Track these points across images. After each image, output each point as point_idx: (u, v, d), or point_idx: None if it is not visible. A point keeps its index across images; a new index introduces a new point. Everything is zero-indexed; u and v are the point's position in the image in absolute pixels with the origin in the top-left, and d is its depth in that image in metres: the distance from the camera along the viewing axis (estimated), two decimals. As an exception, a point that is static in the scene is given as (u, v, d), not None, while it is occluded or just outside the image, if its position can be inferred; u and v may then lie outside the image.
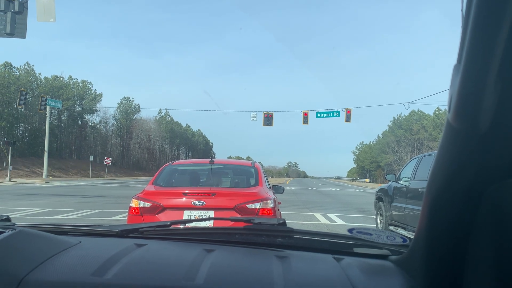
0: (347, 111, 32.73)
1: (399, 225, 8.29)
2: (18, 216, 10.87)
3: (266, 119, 33.86)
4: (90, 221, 10.63)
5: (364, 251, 1.19)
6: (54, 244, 1.07)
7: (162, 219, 4.29)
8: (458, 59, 0.63)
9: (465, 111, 0.63)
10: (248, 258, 1.10)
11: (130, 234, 1.31)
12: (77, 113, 65.90)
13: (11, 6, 12.05)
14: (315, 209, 15.19)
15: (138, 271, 0.94)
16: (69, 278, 0.90)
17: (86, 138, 69.52)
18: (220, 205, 4.39)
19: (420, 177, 7.67)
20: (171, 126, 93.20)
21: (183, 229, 1.42)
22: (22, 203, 14.43)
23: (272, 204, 4.50)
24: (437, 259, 0.81)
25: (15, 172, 40.97)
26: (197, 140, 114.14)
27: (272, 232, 1.26)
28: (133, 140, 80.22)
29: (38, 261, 0.94)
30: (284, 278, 0.92)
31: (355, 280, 0.93)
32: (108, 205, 14.74)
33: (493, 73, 0.58)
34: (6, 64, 52.99)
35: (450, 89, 0.66)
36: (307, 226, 10.38)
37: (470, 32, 0.60)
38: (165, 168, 5.51)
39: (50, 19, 11.74)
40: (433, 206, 0.78)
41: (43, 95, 42.48)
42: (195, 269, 0.95)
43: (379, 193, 9.97)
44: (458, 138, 0.67)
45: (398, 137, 73.81)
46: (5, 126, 50.38)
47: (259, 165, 5.67)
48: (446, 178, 0.73)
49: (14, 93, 48.71)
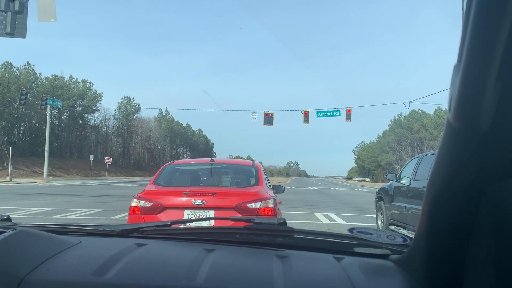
0: (348, 110, 32.73)
1: (399, 224, 8.29)
2: (19, 216, 10.88)
3: (266, 119, 33.86)
4: (90, 220, 10.65)
5: (364, 251, 1.19)
6: (54, 244, 1.07)
7: (163, 218, 4.29)
8: (458, 59, 0.63)
9: (465, 111, 0.63)
10: (249, 257, 1.10)
11: (130, 233, 1.31)
12: (77, 113, 65.92)
13: (11, 6, 12.05)
14: (316, 209, 15.20)
15: (139, 271, 0.95)
16: (69, 278, 0.90)
17: (87, 137, 69.55)
18: (221, 205, 4.39)
19: (420, 177, 7.66)
20: (171, 125, 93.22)
21: (183, 228, 1.43)
22: (23, 203, 14.44)
23: (273, 204, 4.50)
24: (437, 259, 0.81)
25: (15, 172, 41.00)
26: (197, 139, 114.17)
27: (272, 231, 1.26)
28: (134, 140, 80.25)
29: (39, 261, 0.94)
30: (284, 278, 0.92)
31: (356, 279, 0.93)
32: (109, 204, 14.75)
33: (494, 73, 0.58)
34: (6, 63, 53.03)
35: (450, 89, 0.66)
36: (307, 225, 10.39)
37: (470, 31, 0.60)
38: (165, 168, 5.51)
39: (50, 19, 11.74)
40: (434, 205, 0.78)
41: (43, 95, 42.48)
42: (195, 268, 0.95)
43: (380, 192, 9.97)
44: (459, 138, 0.67)
45: (398, 136, 73.80)
46: (6, 125, 50.40)
47: (259, 164, 5.67)
48: (446, 178, 0.73)
49: (14, 93, 48.74)
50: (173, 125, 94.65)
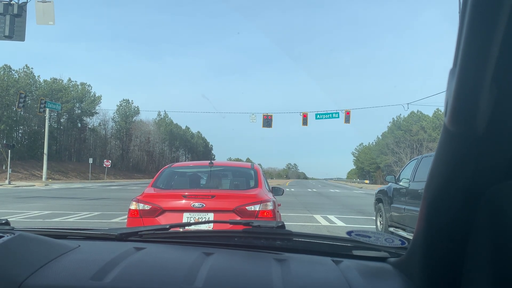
0: (346, 112, 32.76)
1: (398, 226, 8.28)
2: (18, 219, 10.85)
3: (265, 121, 33.88)
4: (89, 223, 10.62)
5: (362, 254, 1.20)
6: (53, 248, 1.07)
7: (162, 221, 4.28)
8: (454, 63, 0.64)
9: (461, 114, 0.64)
10: (247, 261, 1.10)
11: (129, 237, 1.31)
12: (76, 116, 65.88)
13: (10, 9, 12.05)
14: (315, 211, 15.19)
15: (137, 275, 0.95)
16: (68, 282, 0.90)
17: (86, 140, 69.48)
18: (220, 207, 4.39)
19: (419, 178, 7.67)
20: (170, 128, 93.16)
21: (182, 232, 1.43)
22: (22, 206, 14.41)
23: (272, 206, 4.49)
24: (435, 261, 0.81)
25: (14, 175, 40.93)
26: (196, 142, 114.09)
27: (271, 235, 1.26)
28: (133, 143, 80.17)
29: (37, 266, 0.94)
30: (283, 281, 0.92)
31: (354, 282, 0.94)
32: (108, 207, 14.72)
33: (488, 76, 0.58)
34: (5, 66, 53.00)
35: (446, 93, 0.67)
36: (307, 228, 10.37)
37: (465, 36, 0.60)
38: (164, 171, 5.51)
39: (49, 22, 11.76)
40: (431, 208, 0.78)
41: (42, 98, 42.44)
42: (194, 272, 0.96)
43: (379, 194, 9.97)
44: (455, 141, 0.68)
45: (397, 138, 73.83)
46: (5, 129, 50.35)
47: (258, 167, 5.66)
48: (443, 180, 0.74)
49: (13, 96, 48.68)
50: (172, 127, 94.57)
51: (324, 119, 33.67)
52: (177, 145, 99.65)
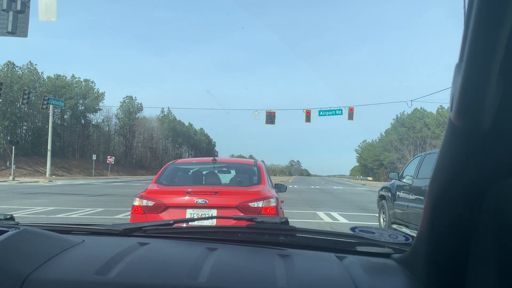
0: (350, 109, 32.70)
1: (402, 223, 8.28)
2: (22, 215, 10.92)
3: (268, 117, 33.87)
4: (93, 219, 10.67)
5: (366, 250, 1.19)
6: (57, 243, 1.08)
7: (165, 217, 4.30)
8: (460, 58, 0.63)
9: (467, 110, 0.63)
10: (251, 256, 1.10)
11: (133, 233, 1.32)
12: (80, 112, 66.06)
13: (13, 5, 12.06)
14: (318, 208, 15.19)
15: (141, 270, 0.95)
16: (72, 277, 0.90)
17: (89, 137, 69.71)
18: (223, 204, 4.40)
19: (423, 175, 7.65)
20: (173, 124, 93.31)
21: (185, 227, 1.43)
22: (26, 202, 14.50)
23: (275, 203, 4.50)
24: (439, 258, 0.81)
25: (18, 171, 41.13)
26: (199, 138, 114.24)
27: (274, 230, 1.26)
28: (136, 139, 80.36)
29: (42, 260, 0.95)
30: (286, 277, 0.92)
31: (358, 278, 0.93)
32: (111, 203, 14.78)
33: (495, 72, 0.58)
34: (9, 63, 53.19)
35: (452, 88, 0.66)
36: (310, 224, 10.38)
37: (471, 31, 0.59)
38: (167, 167, 5.53)
39: (51, 18, 11.75)
40: (435, 204, 0.78)
41: (45, 94, 42.61)
42: (197, 267, 0.96)
43: (382, 191, 9.95)
44: (460, 137, 0.67)
45: (401, 135, 73.69)
46: (9, 125, 50.56)
47: (261, 163, 5.67)
48: (448, 176, 0.73)
49: (17, 92, 48.88)
50: (175, 124, 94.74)
51: (327, 116, 33.63)
52: (180, 142, 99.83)
